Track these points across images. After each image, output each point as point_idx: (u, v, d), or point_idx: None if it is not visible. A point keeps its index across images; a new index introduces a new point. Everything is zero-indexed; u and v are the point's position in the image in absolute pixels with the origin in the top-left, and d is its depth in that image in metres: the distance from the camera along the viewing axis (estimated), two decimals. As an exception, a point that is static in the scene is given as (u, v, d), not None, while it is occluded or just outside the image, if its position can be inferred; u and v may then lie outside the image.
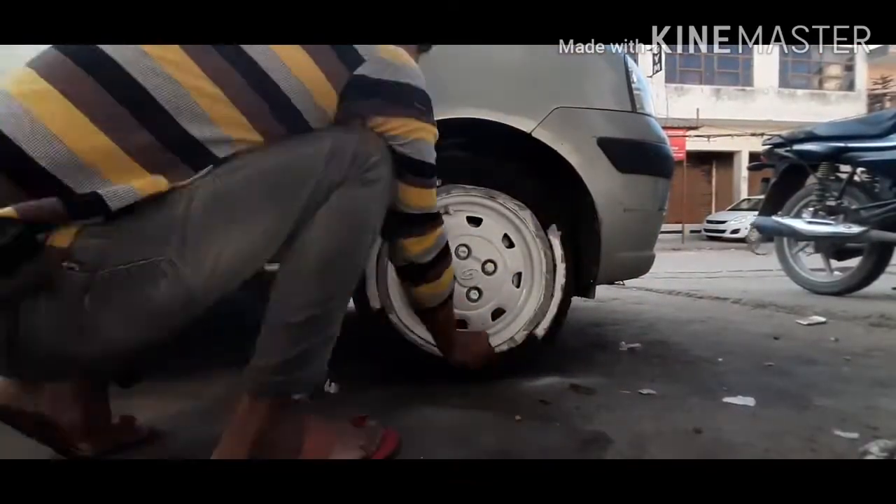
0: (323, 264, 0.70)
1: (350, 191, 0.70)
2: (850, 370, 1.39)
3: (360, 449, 0.81)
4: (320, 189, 0.68)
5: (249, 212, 0.65)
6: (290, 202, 0.67)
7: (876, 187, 2.87)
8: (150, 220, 0.60)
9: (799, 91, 17.12)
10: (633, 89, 1.31)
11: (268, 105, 0.66)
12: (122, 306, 0.61)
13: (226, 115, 0.64)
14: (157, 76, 0.61)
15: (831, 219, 2.86)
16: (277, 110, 0.67)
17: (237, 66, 0.64)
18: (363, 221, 0.73)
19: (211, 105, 0.63)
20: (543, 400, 1.12)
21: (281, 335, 0.71)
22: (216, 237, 0.63)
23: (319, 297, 0.71)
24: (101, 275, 0.58)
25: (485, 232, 1.26)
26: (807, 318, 2.14)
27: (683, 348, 1.64)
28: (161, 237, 0.61)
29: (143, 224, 0.60)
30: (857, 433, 0.93)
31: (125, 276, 0.60)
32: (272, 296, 0.71)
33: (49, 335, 0.59)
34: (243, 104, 0.65)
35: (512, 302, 1.29)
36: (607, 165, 1.26)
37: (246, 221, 0.65)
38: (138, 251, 0.60)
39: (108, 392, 0.87)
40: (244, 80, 0.64)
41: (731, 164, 17.44)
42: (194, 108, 0.62)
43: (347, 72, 0.69)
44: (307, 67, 0.67)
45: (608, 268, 1.32)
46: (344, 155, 0.69)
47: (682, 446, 0.90)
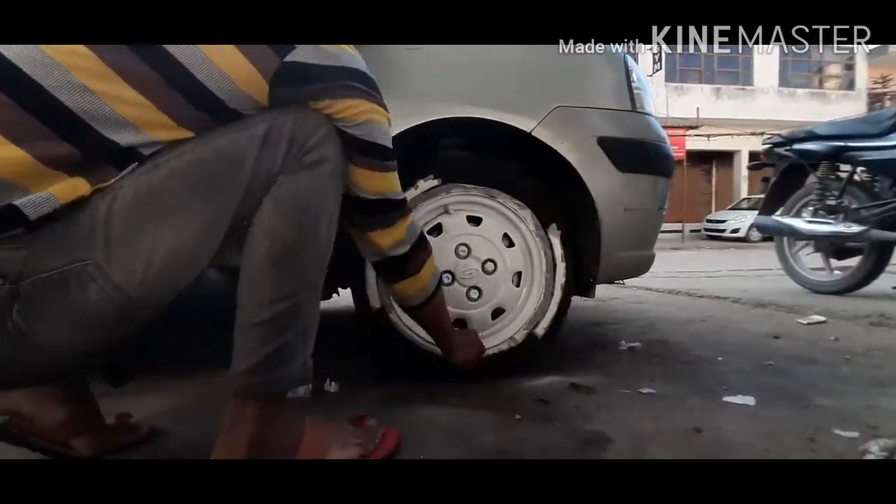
0: (277, 258, 0.66)
1: (292, 176, 0.66)
2: (850, 370, 1.39)
3: (358, 447, 0.81)
4: (257, 177, 0.65)
5: (179, 207, 0.62)
6: (222, 194, 0.64)
7: (876, 186, 2.86)
8: (73, 225, 0.59)
9: (799, 90, 17.11)
10: (634, 88, 1.31)
11: (188, 99, 0.63)
12: (52, 314, 0.59)
13: (151, 120, 0.61)
14: (73, 90, 0.58)
15: (831, 218, 2.86)
16: (199, 102, 0.63)
17: (154, 64, 0.61)
18: (313, 207, 0.69)
19: (135, 112, 0.60)
20: (543, 399, 1.13)
21: (251, 336, 0.68)
22: (144, 236, 0.61)
23: (282, 293, 0.68)
24: (26, 285, 0.57)
25: (485, 231, 1.26)
26: (807, 317, 2.14)
27: (683, 348, 1.64)
28: (84, 241, 0.59)
29: (64, 229, 0.58)
30: (857, 433, 0.93)
31: (50, 283, 0.58)
32: (238, 297, 0.69)
33: None
34: (166, 105, 0.62)
35: (512, 301, 1.29)
36: (607, 164, 1.25)
37: (176, 217, 0.62)
38: (61, 257, 0.58)
39: (88, 391, 0.86)
40: (162, 78, 0.61)
41: (731, 164, 17.44)
42: (117, 118, 0.59)
43: (277, 58, 0.65)
44: (231, 58, 0.64)
45: (608, 267, 1.32)
46: (280, 138, 0.65)
47: (682, 446, 0.90)
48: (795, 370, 1.37)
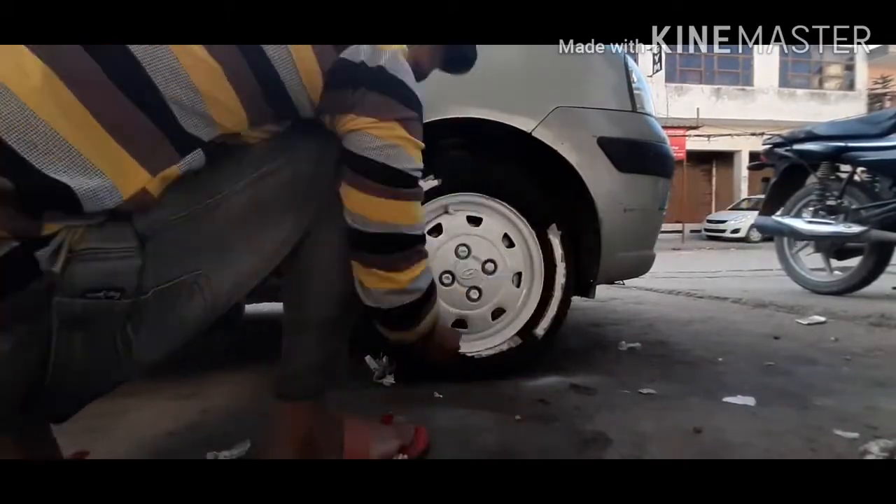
0: (340, 260, 0.70)
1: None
2: (850, 370, 1.39)
3: (398, 441, 0.84)
4: (330, 193, 0.67)
5: (274, 220, 0.64)
6: (306, 210, 0.67)
7: (876, 187, 2.87)
8: (182, 235, 0.57)
9: (799, 91, 17.11)
10: (633, 89, 1.31)
11: (263, 88, 0.58)
12: (159, 324, 0.57)
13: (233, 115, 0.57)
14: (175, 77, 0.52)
15: (831, 218, 2.86)
16: (273, 100, 0.60)
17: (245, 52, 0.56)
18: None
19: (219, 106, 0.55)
20: (543, 400, 1.12)
21: (310, 336, 0.73)
22: (244, 245, 0.62)
23: (342, 296, 0.72)
24: (145, 298, 0.54)
25: (485, 232, 1.27)
26: (807, 317, 2.14)
27: (683, 348, 1.63)
28: (195, 251, 0.58)
29: (175, 239, 0.56)
30: (857, 433, 0.93)
31: (166, 294, 0.56)
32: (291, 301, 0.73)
33: (85, 369, 0.53)
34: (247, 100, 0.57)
35: (512, 302, 1.29)
36: (607, 165, 1.26)
37: (270, 228, 0.64)
38: (175, 268, 0.56)
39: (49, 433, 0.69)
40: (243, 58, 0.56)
41: (732, 164, 17.44)
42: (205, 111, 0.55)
43: (334, 53, 0.61)
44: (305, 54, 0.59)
45: (608, 267, 1.32)
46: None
47: (682, 446, 0.90)
48: (795, 370, 1.37)
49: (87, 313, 0.50)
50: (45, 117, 0.46)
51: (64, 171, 0.46)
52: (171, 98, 0.52)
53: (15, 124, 0.45)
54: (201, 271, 0.58)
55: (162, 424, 0.99)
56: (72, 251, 0.48)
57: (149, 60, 0.51)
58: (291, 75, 0.59)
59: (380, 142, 0.63)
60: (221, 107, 0.55)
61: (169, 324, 0.58)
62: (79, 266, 0.49)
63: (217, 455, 0.85)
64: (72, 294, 0.49)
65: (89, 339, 0.52)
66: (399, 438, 0.85)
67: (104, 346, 0.53)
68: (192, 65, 0.53)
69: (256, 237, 0.63)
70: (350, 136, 0.63)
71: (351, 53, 0.61)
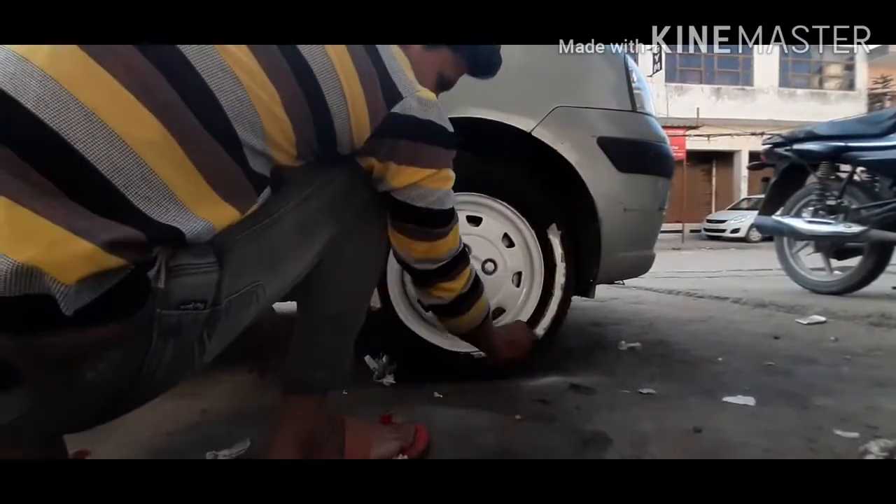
0: (357, 263, 0.76)
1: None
2: (850, 370, 1.39)
3: (398, 441, 0.85)
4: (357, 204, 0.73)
5: (316, 235, 0.70)
6: (339, 222, 0.72)
7: (876, 187, 2.87)
8: (250, 249, 0.62)
9: (799, 91, 17.10)
10: (633, 89, 1.31)
11: (317, 132, 0.63)
12: (224, 330, 0.61)
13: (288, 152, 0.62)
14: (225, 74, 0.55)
15: (831, 218, 2.86)
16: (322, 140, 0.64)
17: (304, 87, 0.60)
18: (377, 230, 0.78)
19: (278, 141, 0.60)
20: (543, 400, 1.12)
21: (326, 333, 0.77)
22: (292, 258, 0.68)
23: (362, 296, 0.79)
24: (221, 308, 0.59)
25: (485, 231, 1.27)
26: (807, 317, 2.14)
27: (683, 348, 1.64)
28: (257, 264, 0.63)
29: (244, 253, 0.61)
30: (857, 433, 0.93)
31: (236, 303, 0.61)
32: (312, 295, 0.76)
33: (165, 376, 0.58)
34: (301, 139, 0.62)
35: (512, 301, 1.29)
36: (607, 165, 1.26)
37: (312, 242, 0.70)
38: (243, 278, 0.61)
39: None
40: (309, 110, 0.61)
41: (731, 164, 17.43)
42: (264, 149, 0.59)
43: (386, 108, 0.65)
44: (358, 102, 0.64)
45: (608, 267, 1.32)
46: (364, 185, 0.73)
47: (682, 446, 0.90)
48: (795, 370, 1.37)
49: (181, 323, 0.55)
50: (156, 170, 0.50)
51: (174, 217, 0.51)
52: (246, 144, 0.57)
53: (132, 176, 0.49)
54: (261, 282, 0.64)
55: (162, 424, 0.99)
56: (168, 268, 0.53)
57: (235, 115, 0.55)
58: (343, 124, 0.64)
59: (440, 192, 0.72)
60: (280, 149, 0.61)
61: (232, 328, 0.63)
62: (175, 282, 0.53)
63: (217, 455, 0.85)
64: (170, 307, 0.53)
65: (176, 349, 0.56)
66: (399, 438, 0.85)
67: (186, 352, 0.58)
68: (266, 117, 0.58)
69: (300, 249, 0.69)
70: (408, 191, 0.70)
71: (402, 108, 0.66)
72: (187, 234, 0.52)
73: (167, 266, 0.53)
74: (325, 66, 0.61)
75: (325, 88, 0.61)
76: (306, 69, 0.60)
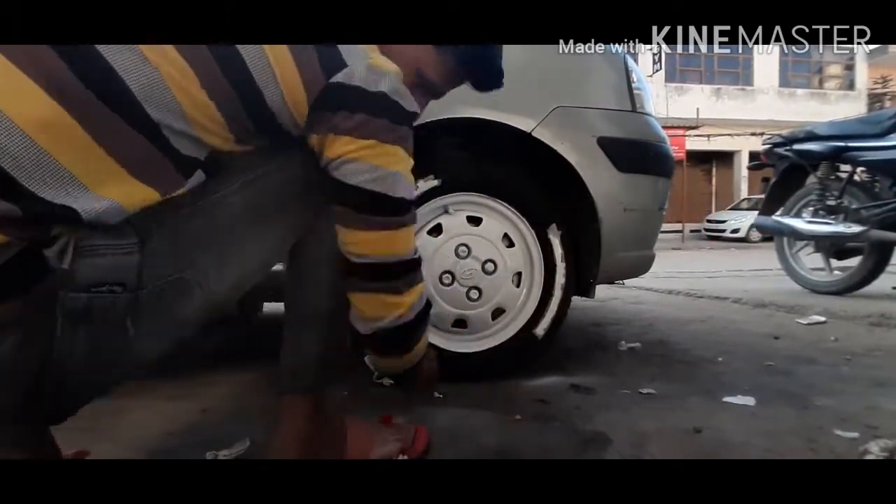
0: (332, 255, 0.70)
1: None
2: (850, 370, 1.39)
3: (399, 442, 0.84)
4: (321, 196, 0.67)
5: (270, 219, 0.66)
6: (303, 210, 0.69)
7: (876, 187, 2.87)
8: (181, 233, 0.59)
9: (799, 91, 17.10)
10: (633, 89, 1.31)
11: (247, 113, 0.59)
12: (158, 320, 0.58)
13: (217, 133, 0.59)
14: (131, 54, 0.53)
15: (831, 218, 2.86)
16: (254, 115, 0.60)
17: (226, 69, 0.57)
18: None
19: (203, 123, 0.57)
20: (543, 400, 1.12)
21: (312, 330, 0.75)
22: (242, 245, 0.64)
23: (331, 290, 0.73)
24: (145, 293, 0.56)
25: (485, 231, 1.26)
26: (807, 317, 2.14)
27: (683, 348, 1.64)
28: (192, 250, 0.60)
29: (174, 237, 0.58)
30: (857, 433, 0.93)
31: (165, 290, 0.58)
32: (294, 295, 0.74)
33: (85, 363, 0.55)
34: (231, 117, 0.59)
35: (512, 301, 1.29)
36: (607, 165, 1.26)
37: (267, 228, 0.66)
38: (173, 265, 0.58)
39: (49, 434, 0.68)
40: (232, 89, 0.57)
41: (731, 164, 17.43)
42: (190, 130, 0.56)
43: (324, 79, 0.60)
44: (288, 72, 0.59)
45: (608, 267, 1.32)
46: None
47: (682, 446, 0.90)
48: (795, 370, 1.37)
49: (92, 307, 0.52)
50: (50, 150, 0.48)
51: (68, 196, 0.49)
52: (163, 125, 0.54)
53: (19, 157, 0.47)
54: (199, 269, 0.60)
55: (161, 424, 0.99)
56: (77, 248, 0.51)
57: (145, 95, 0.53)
58: (276, 100, 0.59)
59: (380, 171, 0.62)
60: (209, 132, 0.58)
61: (167, 320, 0.60)
62: (84, 262, 0.51)
63: (216, 455, 0.85)
64: (77, 289, 0.51)
65: (91, 334, 0.54)
66: (399, 439, 0.85)
67: (105, 341, 0.55)
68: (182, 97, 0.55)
69: (252, 237, 0.65)
70: (341, 164, 0.61)
71: (346, 76, 0.59)
72: (83, 213, 0.50)
73: (76, 246, 0.51)
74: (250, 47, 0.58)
75: (251, 64, 0.57)
76: (228, 49, 0.57)
